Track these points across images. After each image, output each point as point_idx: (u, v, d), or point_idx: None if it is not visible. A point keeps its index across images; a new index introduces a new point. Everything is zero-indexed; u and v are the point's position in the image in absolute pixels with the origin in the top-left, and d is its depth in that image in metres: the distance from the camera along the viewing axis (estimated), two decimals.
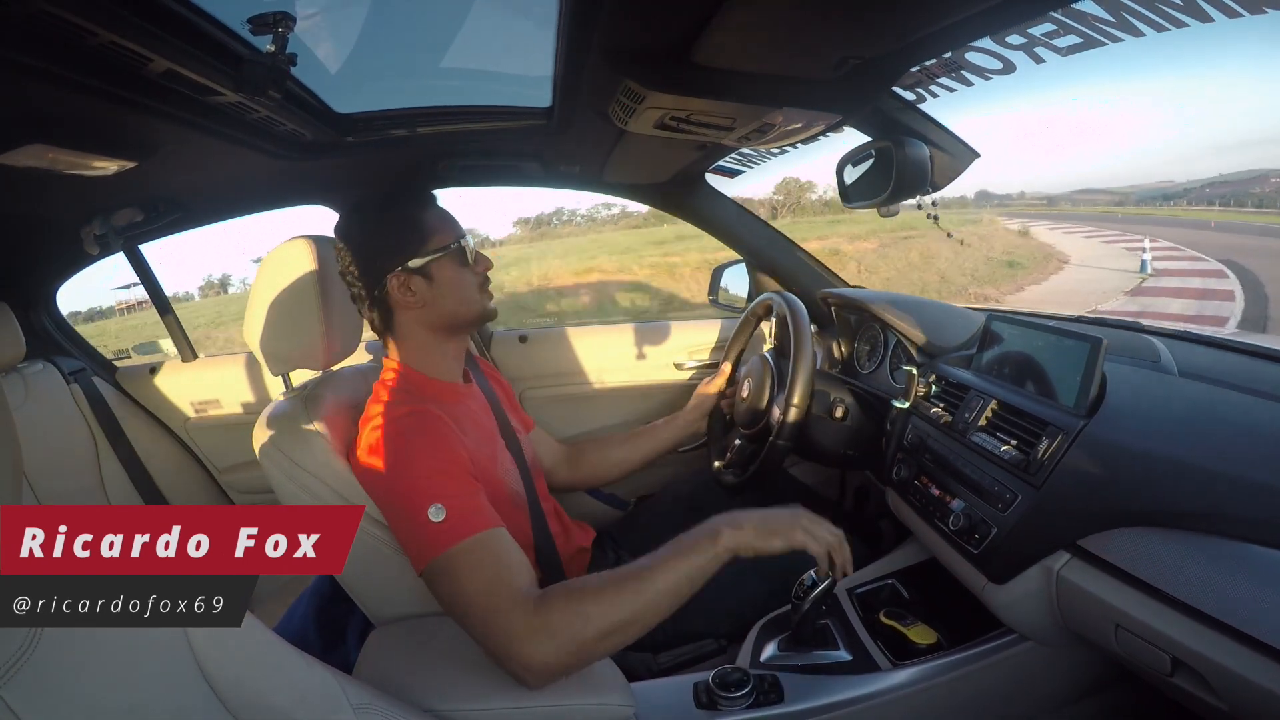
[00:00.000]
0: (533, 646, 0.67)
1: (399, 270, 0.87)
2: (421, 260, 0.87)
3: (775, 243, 1.57)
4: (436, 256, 0.88)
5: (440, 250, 0.89)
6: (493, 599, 0.70)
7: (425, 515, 0.72)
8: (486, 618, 0.69)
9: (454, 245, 0.90)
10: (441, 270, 0.89)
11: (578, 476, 1.22)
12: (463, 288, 0.91)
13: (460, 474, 0.78)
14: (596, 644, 0.70)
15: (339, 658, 0.95)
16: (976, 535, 0.80)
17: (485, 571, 0.72)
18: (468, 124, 1.17)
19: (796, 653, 0.88)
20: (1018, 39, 0.77)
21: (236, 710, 0.48)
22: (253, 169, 1.21)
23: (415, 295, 0.87)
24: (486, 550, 0.73)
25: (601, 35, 0.73)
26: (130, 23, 0.62)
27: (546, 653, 0.67)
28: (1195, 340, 0.94)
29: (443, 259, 0.89)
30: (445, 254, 0.89)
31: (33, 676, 0.38)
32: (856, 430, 1.10)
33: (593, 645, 0.70)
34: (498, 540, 0.75)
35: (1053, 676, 0.84)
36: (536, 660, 0.67)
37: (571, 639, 0.68)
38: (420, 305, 0.88)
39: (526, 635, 0.68)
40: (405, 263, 0.87)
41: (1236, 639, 0.54)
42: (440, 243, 0.89)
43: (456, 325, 0.93)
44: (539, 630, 0.68)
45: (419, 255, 0.88)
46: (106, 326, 16.63)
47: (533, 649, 0.67)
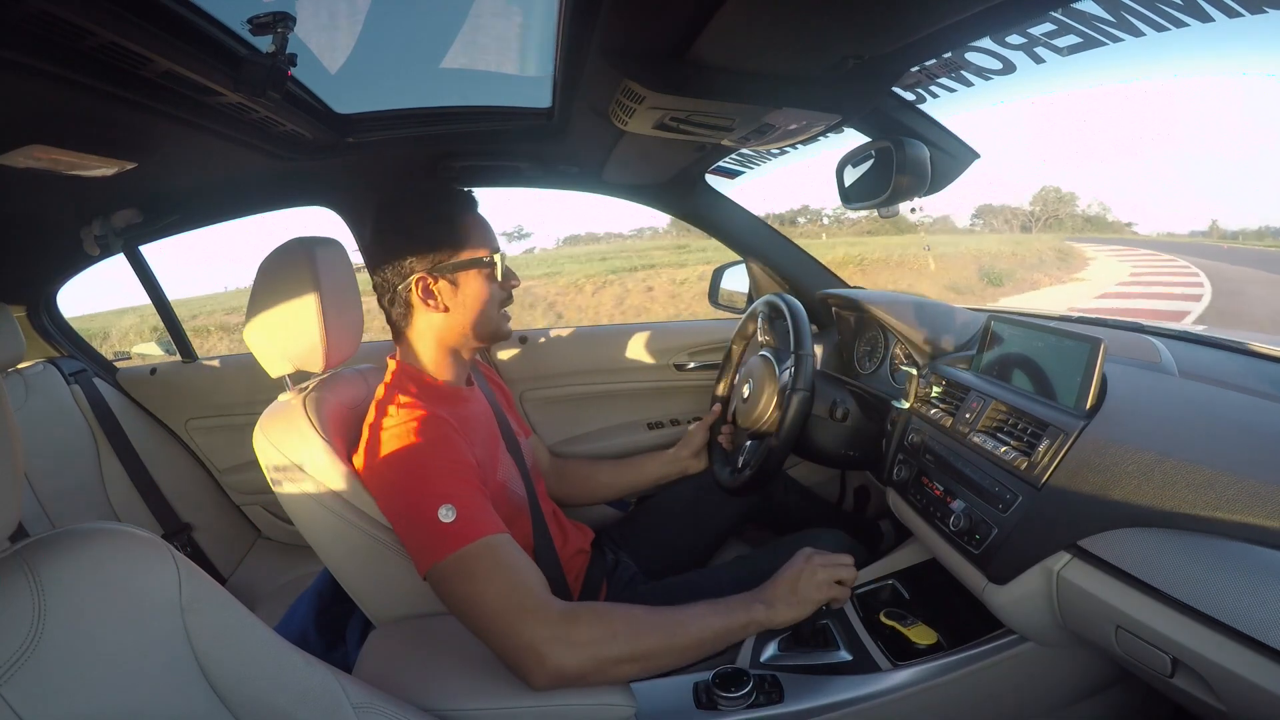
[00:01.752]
0: (556, 652, 0.68)
1: (427, 271, 0.86)
2: (451, 266, 0.87)
3: (775, 243, 1.57)
4: (466, 266, 0.87)
5: (472, 260, 0.88)
6: (515, 601, 0.71)
7: (435, 515, 0.72)
8: (509, 619, 0.70)
9: (487, 258, 0.89)
10: (469, 280, 0.88)
11: (562, 492, 1.23)
12: (485, 303, 0.90)
13: (469, 477, 0.78)
14: (616, 666, 0.71)
15: (339, 658, 0.96)
16: (977, 536, 0.80)
17: (503, 574, 0.72)
18: (467, 124, 1.17)
19: (797, 653, 0.88)
20: (1018, 39, 0.77)
21: (237, 709, 0.48)
22: (253, 169, 1.21)
23: (436, 301, 0.87)
24: (499, 553, 0.73)
25: (601, 35, 0.73)
26: (130, 23, 0.62)
27: (567, 660, 0.68)
28: (1195, 340, 0.94)
29: (472, 269, 0.88)
30: (476, 265, 0.88)
31: (34, 675, 0.38)
32: (857, 431, 1.10)
33: (612, 666, 0.71)
34: (506, 545, 0.75)
35: (1053, 677, 0.84)
36: (553, 665, 0.68)
37: (595, 653, 0.70)
38: (439, 311, 0.88)
39: (550, 640, 0.69)
40: (434, 265, 0.86)
41: (1237, 640, 0.54)
42: (474, 253, 0.88)
43: (469, 338, 0.92)
44: (563, 639, 0.69)
45: (450, 260, 0.87)
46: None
47: (556, 655, 0.68)
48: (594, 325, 1.78)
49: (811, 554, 0.90)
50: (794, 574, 0.87)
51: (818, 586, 0.86)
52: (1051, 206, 26.16)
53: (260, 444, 0.83)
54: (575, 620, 0.72)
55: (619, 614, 0.75)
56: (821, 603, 0.87)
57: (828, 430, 1.10)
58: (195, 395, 1.70)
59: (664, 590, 1.01)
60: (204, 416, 1.71)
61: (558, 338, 1.66)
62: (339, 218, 1.42)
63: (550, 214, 79.09)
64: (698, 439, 1.27)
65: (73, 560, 0.43)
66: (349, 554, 0.83)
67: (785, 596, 0.84)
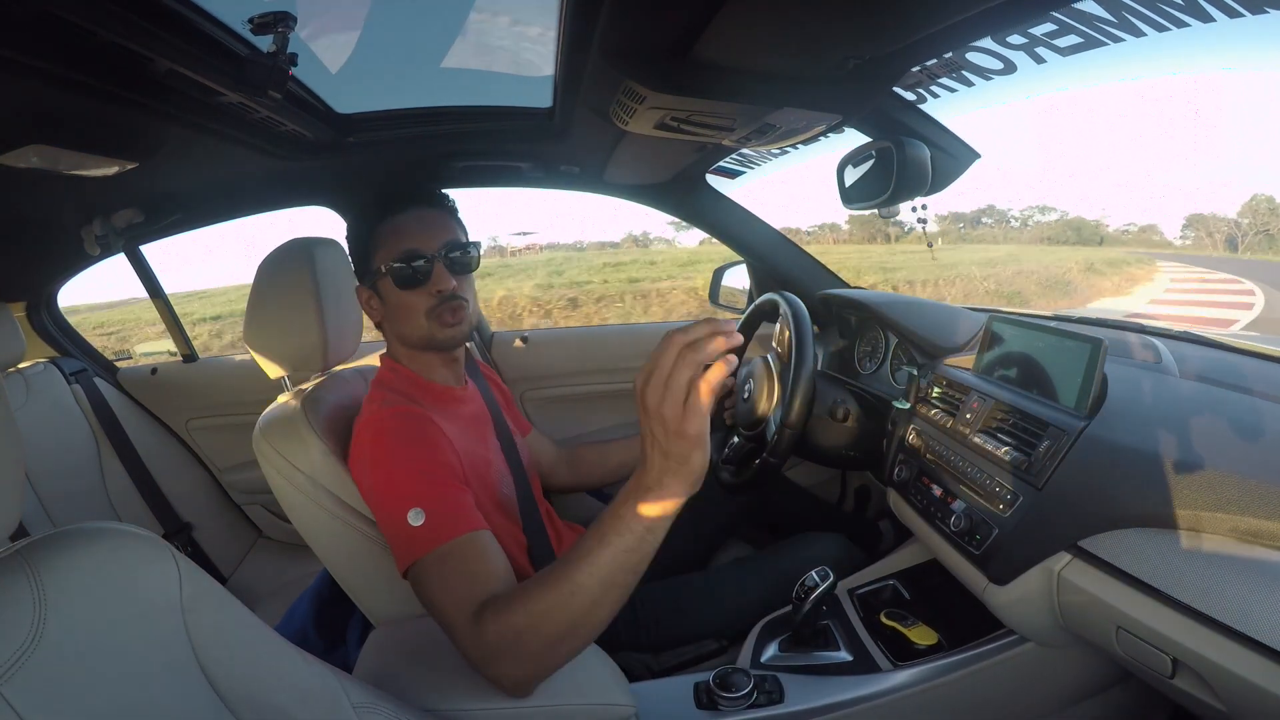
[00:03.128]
0: (490, 666, 0.64)
1: (362, 280, 0.88)
2: (371, 274, 0.87)
3: (776, 243, 1.57)
4: (378, 275, 0.86)
5: (383, 269, 0.85)
6: (450, 616, 0.67)
7: (405, 519, 0.72)
8: (454, 632, 0.67)
9: (397, 264, 0.84)
10: (387, 289, 0.86)
11: (578, 478, 1.22)
12: (405, 310, 0.86)
13: (444, 477, 0.77)
14: (549, 652, 0.63)
15: (339, 658, 0.96)
16: (977, 536, 0.80)
17: (451, 582, 0.69)
18: (468, 124, 1.17)
19: (797, 653, 0.88)
20: (1019, 39, 0.77)
21: (237, 709, 0.48)
22: (254, 169, 1.21)
23: (374, 310, 0.89)
24: (458, 558, 0.71)
25: (602, 35, 0.73)
26: (131, 23, 0.62)
27: (504, 670, 0.64)
28: (1195, 341, 0.94)
29: (385, 278, 0.85)
30: (388, 273, 0.85)
31: (34, 674, 0.38)
32: (857, 431, 1.10)
33: (545, 655, 0.63)
34: (474, 545, 0.72)
35: (1053, 677, 0.84)
36: (499, 677, 0.64)
37: (520, 655, 0.63)
38: (378, 318, 0.89)
39: (480, 657, 0.64)
40: (362, 273, 0.88)
41: (1238, 640, 0.54)
42: (383, 259, 0.85)
43: (411, 346, 0.90)
44: (486, 652, 0.64)
45: (368, 271, 0.88)
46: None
47: (493, 669, 0.64)
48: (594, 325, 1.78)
49: (650, 368, 0.54)
50: (648, 424, 0.56)
51: (675, 405, 0.53)
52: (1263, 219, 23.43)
53: (259, 444, 0.83)
54: (484, 629, 0.64)
55: (517, 605, 0.64)
56: (701, 423, 0.54)
57: (828, 430, 1.10)
58: (195, 395, 1.71)
59: (663, 590, 1.01)
60: (204, 416, 1.72)
61: (558, 338, 1.66)
62: (339, 218, 1.43)
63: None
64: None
65: (74, 560, 0.43)
66: (348, 554, 0.83)
67: (658, 461, 0.57)
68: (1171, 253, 25.47)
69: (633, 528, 0.59)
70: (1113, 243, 20.26)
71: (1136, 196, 21.14)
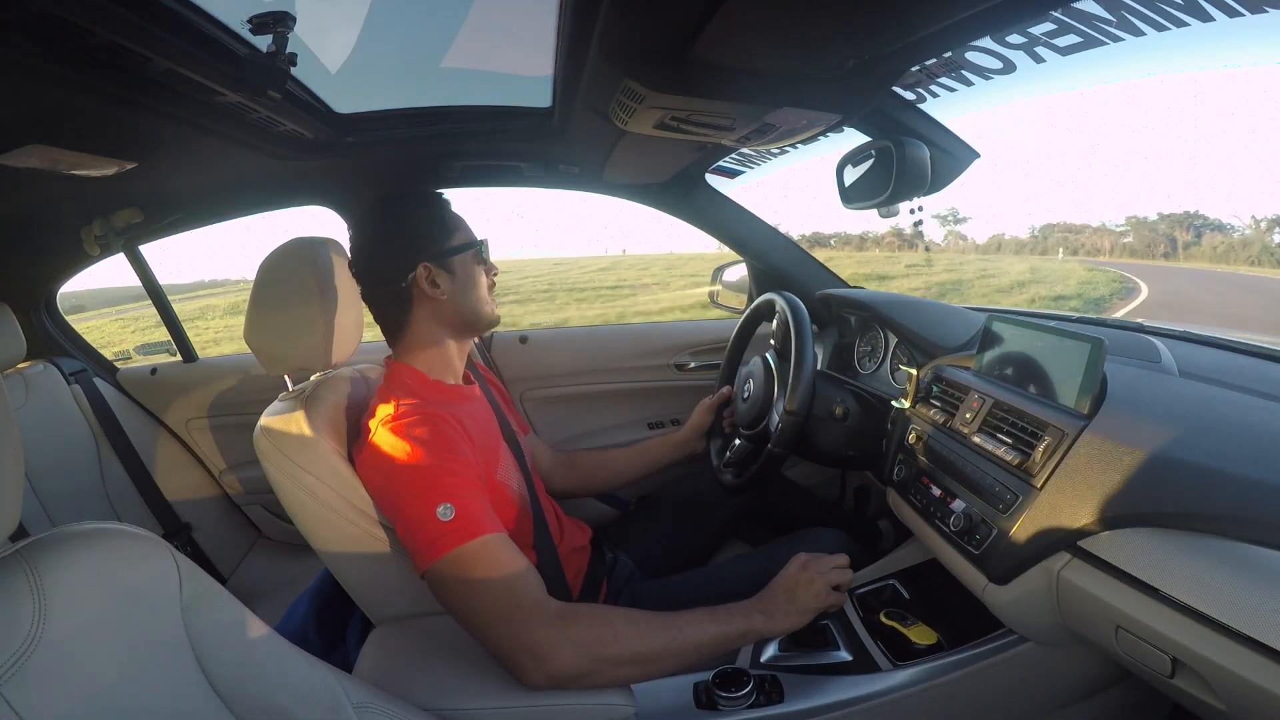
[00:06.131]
0: (554, 651, 0.69)
1: (429, 260, 0.90)
2: (450, 251, 0.91)
3: (775, 243, 1.57)
4: (461, 250, 0.92)
5: (465, 245, 0.93)
6: (512, 600, 0.71)
7: (434, 514, 0.73)
8: (506, 618, 0.70)
9: (475, 244, 0.94)
10: (465, 266, 0.93)
11: (573, 483, 1.23)
12: (480, 286, 0.95)
13: (468, 477, 0.78)
14: (615, 667, 0.72)
15: (339, 658, 0.95)
16: (977, 536, 0.80)
17: (501, 572, 0.72)
18: (468, 124, 1.17)
19: (797, 653, 0.88)
20: (1018, 38, 0.77)
21: (237, 708, 0.48)
22: (253, 169, 1.21)
23: (439, 288, 0.90)
24: (497, 552, 0.74)
25: (601, 35, 0.73)
26: (131, 22, 0.62)
27: (568, 660, 0.69)
28: (1195, 340, 0.94)
29: (467, 255, 0.93)
30: (469, 250, 0.93)
31: (34, 674, 0.38)
32: (857, 431, 1.10)
33: (611, 667, 0.72)
34: (504, 544, 0.75)
35: (1053, 677, 0.84)
36: (552, 665, 0.69)
37: (596, 653, 0.71)
38: (442, 298, 0.91)
39: (548, 640, 0.69)
40: (436, 252, 0.90)
41: (1238, 640, 0.54)
42: (464, 238, 0.93)
43: (469, 324, 0.95)
44: (562, 639, 0.70)
45: (447, 247, 0.91)
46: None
47: (555, 654, 0.69)
48: (594, 325, 1.78)
49: (807, 561, 0.90)
50: (790, 583, 0.87)
51: (815, 595, 0.86)
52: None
53: (260, 444, 0.83)
54: (575, 620, 0.72)
55: (618, 616, 0.75)
56: (819, 611, 0.87)
57: (828, 430, 1.10)
58: (195, 395, 1.70)
59: (663, 589, 1.01)
60: (204, 416, 1.72)
61: (558, 338, 1.66)
62: (339, 218, 1.43)
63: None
64: (702, 419, 1.28)
65: (73, 560, 0.43)
66: (349, 554, 0.83)
67: (783, 606, 0.85)
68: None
69: (740, 627, 0.81)
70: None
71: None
